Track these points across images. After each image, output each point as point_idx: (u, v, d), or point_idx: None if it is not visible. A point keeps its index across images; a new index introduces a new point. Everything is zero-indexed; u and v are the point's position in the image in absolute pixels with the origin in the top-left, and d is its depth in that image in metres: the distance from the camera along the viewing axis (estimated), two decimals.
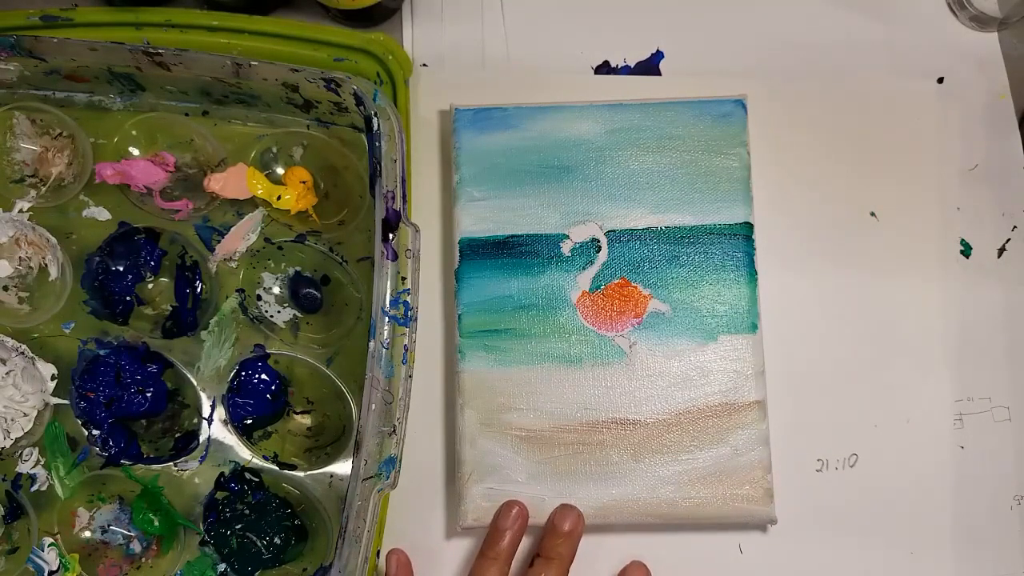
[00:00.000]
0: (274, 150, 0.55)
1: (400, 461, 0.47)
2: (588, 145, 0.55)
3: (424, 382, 0.55)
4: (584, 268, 0.54)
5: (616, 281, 0.54)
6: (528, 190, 0.55)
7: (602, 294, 0.54)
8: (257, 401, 0.54)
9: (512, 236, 0.55)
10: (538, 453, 0.53)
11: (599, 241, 0.55)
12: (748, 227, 0.54)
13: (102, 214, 0.55)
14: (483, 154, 0.55)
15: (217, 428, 0.53)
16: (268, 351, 0.54)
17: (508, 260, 0.54)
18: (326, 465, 0.53)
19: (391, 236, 0.47)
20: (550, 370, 0.53)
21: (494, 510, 0.52)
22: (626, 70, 0.60)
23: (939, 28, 0.60)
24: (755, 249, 0.54)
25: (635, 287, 0.54)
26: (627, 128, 0.55)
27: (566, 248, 0.55)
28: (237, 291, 0.54)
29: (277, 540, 0.52)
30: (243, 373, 0.54)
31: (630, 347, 0.54)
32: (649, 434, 0.53)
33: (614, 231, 0.55)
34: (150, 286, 0.55)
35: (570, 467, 0.53)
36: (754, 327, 0.54)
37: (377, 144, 0.48)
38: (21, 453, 0.53)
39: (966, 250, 0.58)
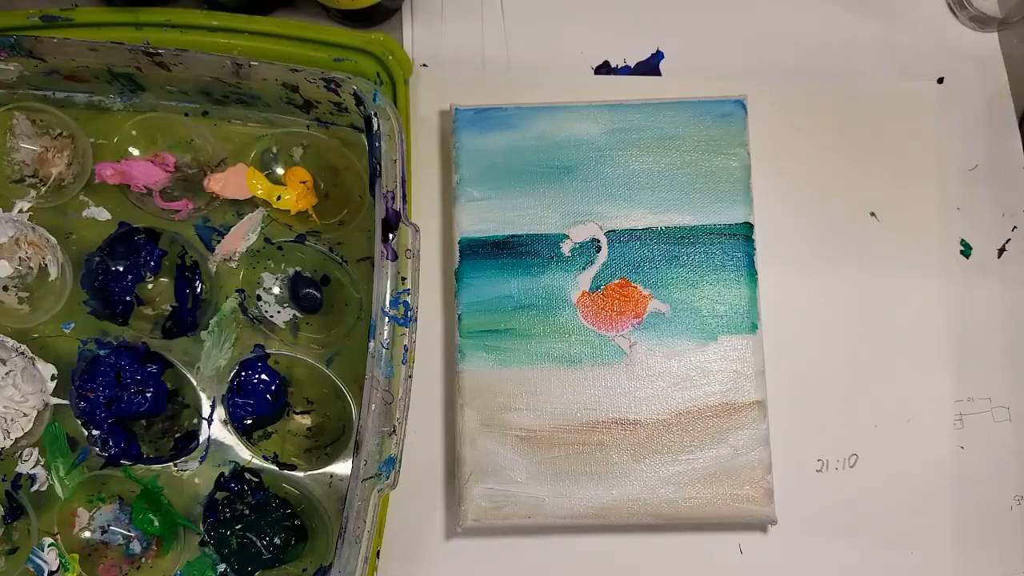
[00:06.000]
0: (274, 150, 0.55)
1: (400, 461, 0.47)
2: (588, 145, 0.55)
3: (424, 382, 0.55)
4: (584, 268, 0.54)
5: (616, 281, 0.54)
6: (528, 190, 0.55)
7: (602, 294, 0.54)
8: (257, 401, 0.54)
9: (512, 236, 0.55)
10: (538, 453, 0.53)
11: (599, 241, 0.55)
12: (748, 227, 0.54)
13: (102, 214, 0.55)
14: (483, 154, 0.55)
15: (217, 428, 0.53)
16: (268, 351, 0.54)
17: (508, 260, 0.54)
18: (326, 465, 0.53)
19: (391, 236, 0.47)
20: (550, 370, 0.53)
21: (494, 510, 0.52)
22: (626, 70, 0.60)
23: (939, 28, 0.60)
24: (755, 249, 0.54)
25: (635, 287, 0.54)
26: (627, 128, 0.55)
27: (566, 248, 0.55)
28: (237, 291, 0.54)
29: (277, 540, 0.52)
30: (243, 373, 0.54)
31: (630, 347, 0.54)
32: (649, 434, 0.53)
33: (614, 231, 0.55)
34: (150, 286, 0.55)
35: (570, 467, 0.53)
36: (754, 327, 0.54)
37: (377, 144, 0.48)
38: (21, 453, 0.53)
39: (966, 250, 0.58)
